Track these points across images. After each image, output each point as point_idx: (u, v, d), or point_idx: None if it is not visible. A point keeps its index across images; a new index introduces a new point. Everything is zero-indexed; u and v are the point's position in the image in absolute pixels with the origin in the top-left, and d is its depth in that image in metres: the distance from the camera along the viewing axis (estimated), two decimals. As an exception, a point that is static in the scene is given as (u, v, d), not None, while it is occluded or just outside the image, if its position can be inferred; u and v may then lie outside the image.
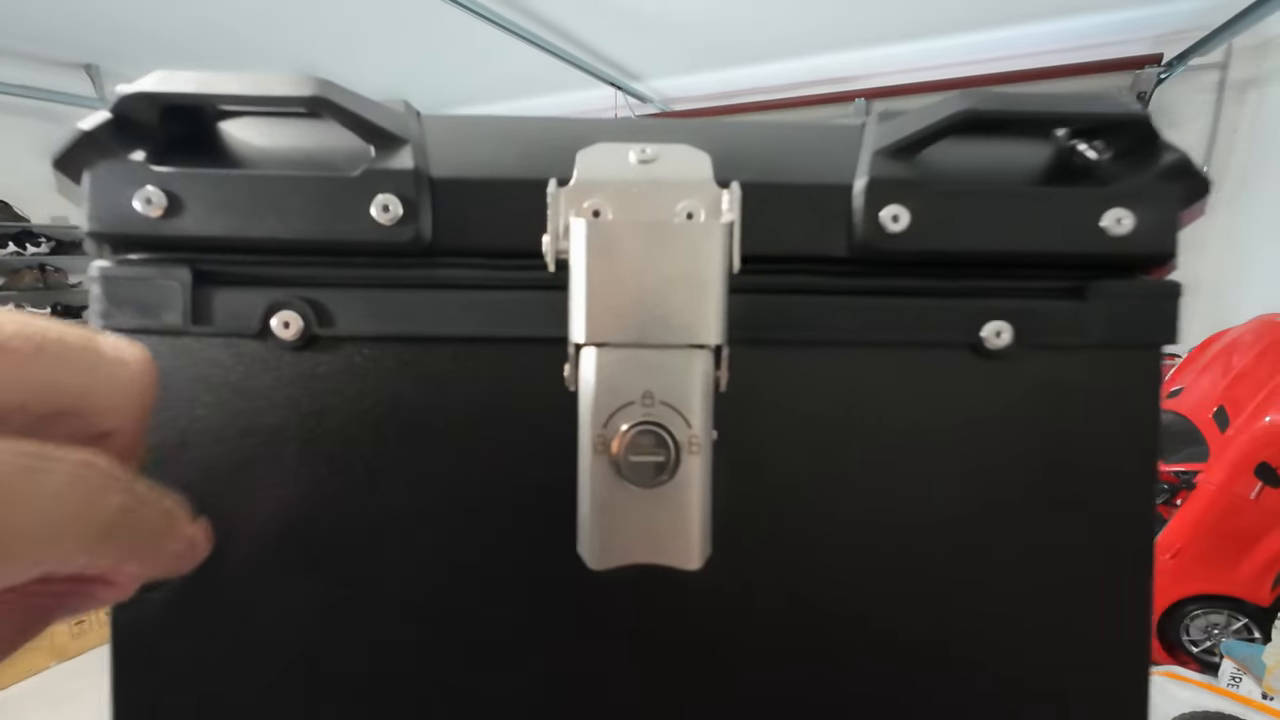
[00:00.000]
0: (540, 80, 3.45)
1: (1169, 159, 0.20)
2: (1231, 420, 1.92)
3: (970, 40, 2.84)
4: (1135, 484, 0.21)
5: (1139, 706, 0.22)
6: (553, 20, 2.64)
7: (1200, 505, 1.89)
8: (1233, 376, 2.03)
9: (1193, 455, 1.99)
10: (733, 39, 2.88)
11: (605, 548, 0.18)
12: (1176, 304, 0.21)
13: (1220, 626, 1.94)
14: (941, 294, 0.20)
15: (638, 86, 3.52)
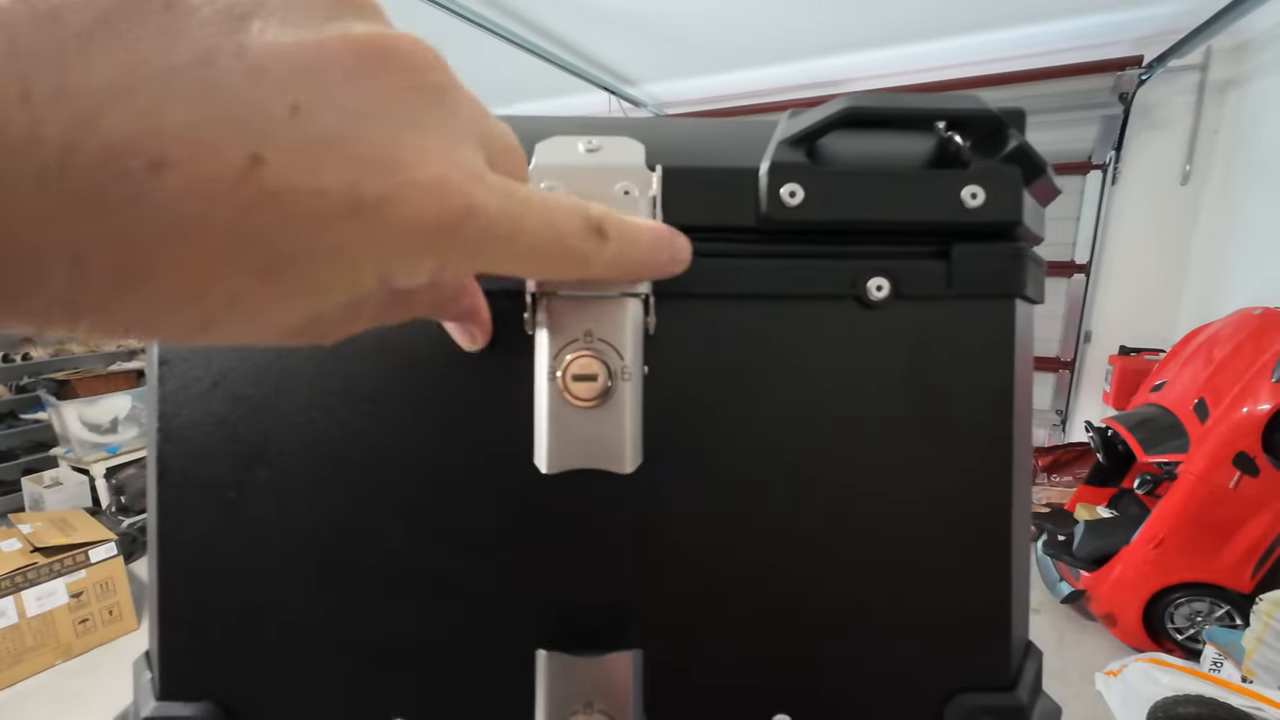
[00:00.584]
0: (534, 85, 3.50)
1: (1012, 146, 0.25)
2: (1211, 411, 1.96)
3: (955, 44, 2.90)
4: (993, 410, 0.25)
5: (1001, 589, 0.26)
6: (546, 26, 2.69)
7: (1182, 495, 1.93)
8: (1213, 369, 2.08)
9: (1175, 447, 2.03)
10: (725, 44, 2.93)
11: (555, 456, 0.23)
12: (1024, 262, 0.25)
13: (1203, 614, 1.97)
14: (831, 256, 0.25)
15: (631, 91, 3.57)
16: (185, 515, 0.25)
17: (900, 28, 2.75)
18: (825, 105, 0.25)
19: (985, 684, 0.26)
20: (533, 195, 0.16)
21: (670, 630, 0.26)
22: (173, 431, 0.25)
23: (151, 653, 0.27)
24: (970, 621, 0.26)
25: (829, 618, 0.26)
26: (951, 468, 0.25)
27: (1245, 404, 1.85)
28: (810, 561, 0.26)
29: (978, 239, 0.25)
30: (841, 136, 0.26)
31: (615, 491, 0.25)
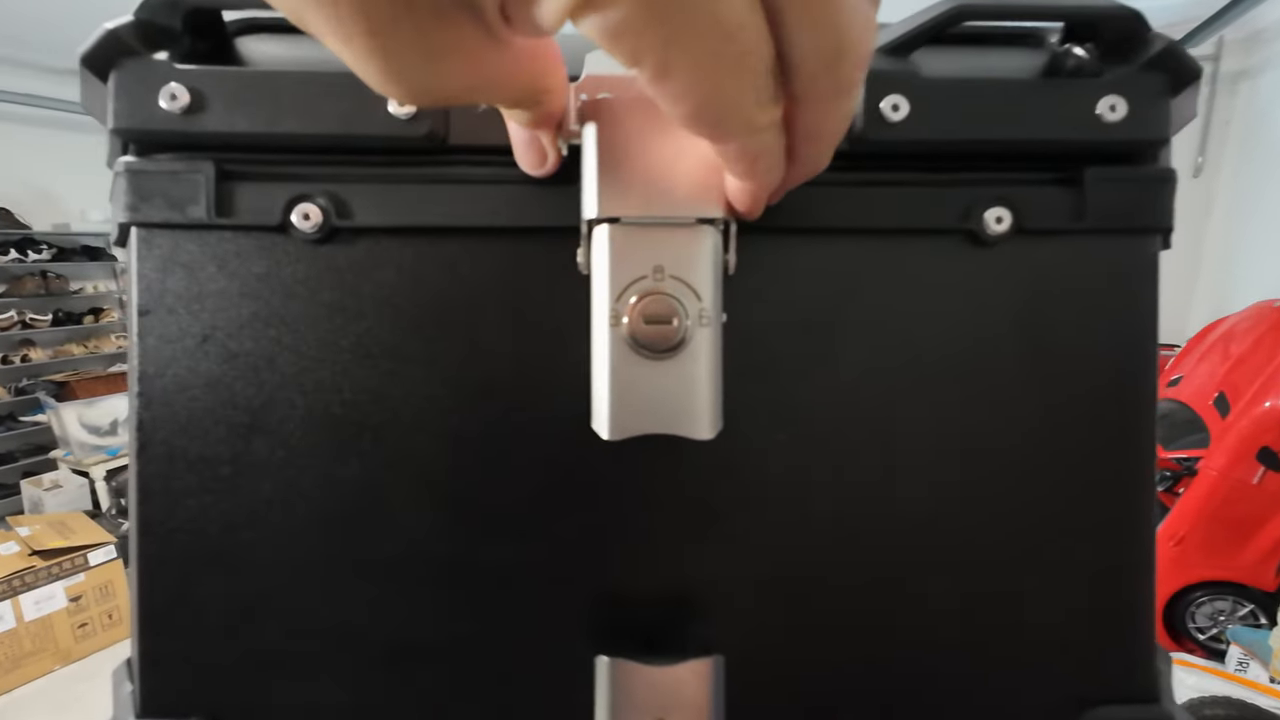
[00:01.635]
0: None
1: (1157, 47, 0.21)
2: (1232, 406, 1.92)
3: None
4: (1132, 369, 0.22)
5: (1141, 581, 0.22)
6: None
7: (1203, 491, 1.89)
8: (1231, 363, 2.04)
9: (1194, 442, 1.99)
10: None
11: (620, 419, 0.19)
12: (1171, 189, 0.21)
13: (1226, 613, 1.93)
14: (940, 184, 0.21)
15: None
16: (171, 496, 0.21)
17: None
18: (924, 10, 0.21)
19: (1125, 695, 0.22)
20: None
21: (753, 632, 0.22)
22: (155, 396, 0.21)
23: (133, 660, 0.23)
24: (1106, 620, 0.22)
25: (940, 616, 0.22)
26: (1081, 439, 0.21)
27: (1268, 398, 1.81)
28: (915, 547, 0.22)
29: (1115, 161, 0.21)
30: (930, 53, 0.22)
31: (684, 463, 0.21)
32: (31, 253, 3.34)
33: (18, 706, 2.03)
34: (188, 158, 0.21)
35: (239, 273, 0.21)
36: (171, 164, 0.21)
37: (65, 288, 3.55)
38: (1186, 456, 2.01)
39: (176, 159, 0.21)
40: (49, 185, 3.52)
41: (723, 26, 0.10)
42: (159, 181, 0.20)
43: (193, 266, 0.21)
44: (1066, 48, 0.23)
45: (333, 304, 0.21)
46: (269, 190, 0.21)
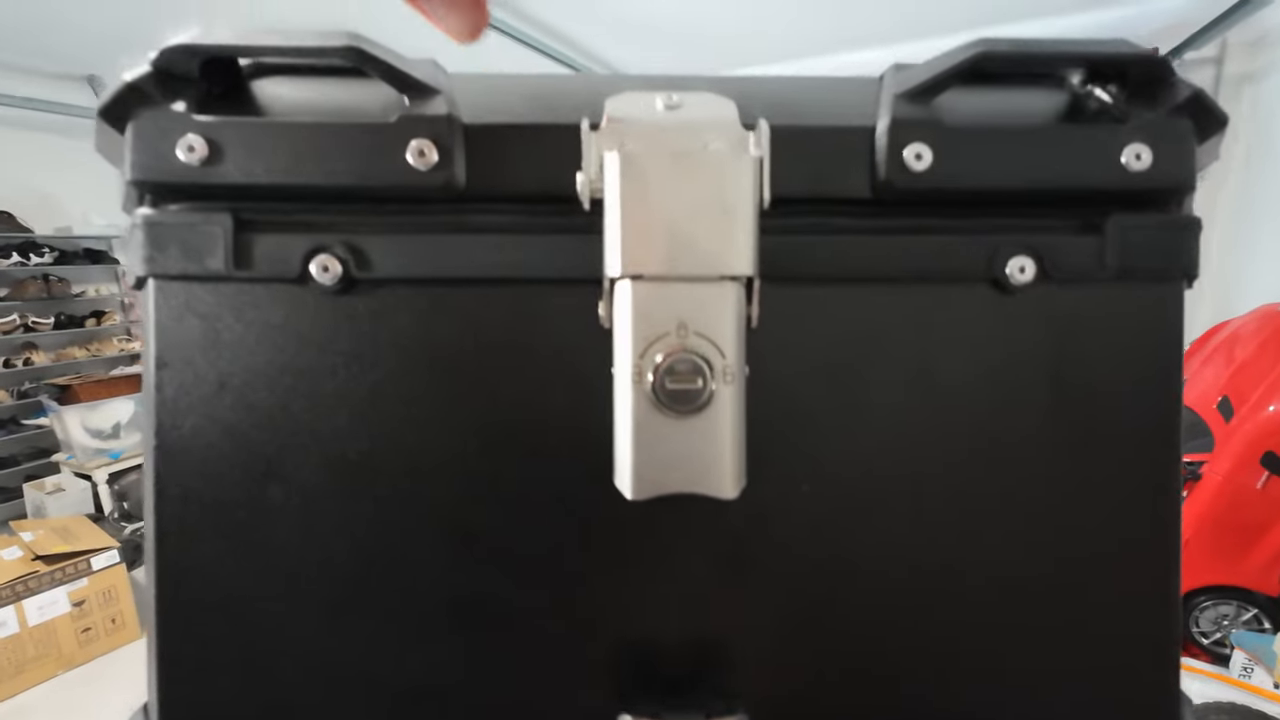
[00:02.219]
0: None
1: (1184, 94, 0.20)
2: (1236, 411, 1.92)
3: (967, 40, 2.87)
4: (1159, 415, 0.21)
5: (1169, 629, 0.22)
6: (552, 26, 2.66)
7: (1207, 496, 1.88)
8: (1235, 367, 2.03)
9: (1198, 446, 1.99)
10: (726, 44, 2.90)
11: (643, 478, 0.18)
12: (1196, 237, 0.21)
13: (1230, 617, 1.93)
14: (964, 231, 0.21)
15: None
16: (188, 541, 0.21)
17: (908, 26, 2.72)
18: (948, 52, 0.21)
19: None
20: None
21: (779, 686, 0.22)
22: (173, 444, 0.21)
23: (151, 707, 0.23)
24: (1135, 669, 0.22)
25: (970, 667, 0.22)
26: (1109, 486, 0.21)
27: (1272, 402, 1.81)
28: (942, 597, 0.21)
29: (1139, 208, 0.21)
30: (956, 93, 0.22)
31: (709, 515, 0.21)
32: (34, 256, 3.34)
33: (21, 712, 2.03)
34: (205, 208, 0.20)
35: (256, 323, 0.21)
36: (189, 215, 0.20)
37: (67, 291, 3.55)
38: (1190, 461, 2.01)
39: (194, 209, 0.21)
40: (51, 189, 3.52)
41: None
42: (176, 233, 0.20)
43: (210, 317, 0.21)
44: (1090, 89, 0.22)
45: (349, 353, 0.21)
46: (287, 241, 0.20)
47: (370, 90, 0.22)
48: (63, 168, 3.54)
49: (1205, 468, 1.93)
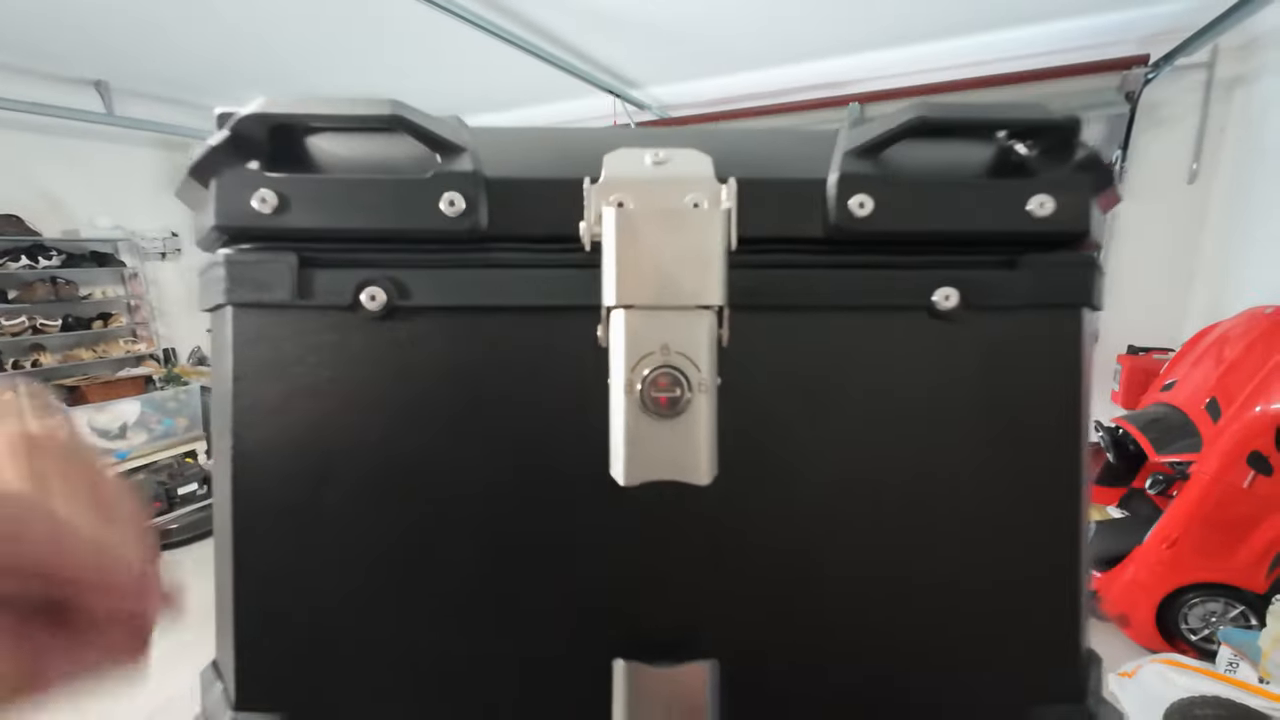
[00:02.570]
0: (540, 89, 3.52)
1: (1082, 154, 0.25)
2: (1223, 411, 1.96)
3: (961, 44, 2.90)
4: (1064, 422, 0.26)
5: (1073, 603, 0.26)
6: (551, 31, 2.70)
7: (1195, 495, 1.92)
8: (1224, 368, 2.07)
9: (1187, 446, 2.03)
10: (729, 46, 2.94)
11: (633, 468, 0.23)
12: (1093, 272, 0.25)
13: (1218, 614, 1.96)
14: (899, 266, 0.25)
15: (635, 94, 3.58)
16: (259, 538, 0.25)
17: (905, 28, 2.75)
18: (891, 115, 0.25)
19: (1059, 697, 0.26)
20: None
21: (745, 643, 0.26)
22: (247, 449, 0.25)
23: (223, 664, 0.27)
24: (1044, 636, 0.26)
25: (905, 632, 0.26)
26: (1023, 481, 0.25)
27: (1259, 403, 1.85)
28: (884, 574, 0.26)
29: (1046, 248, 0.25)
30: (902, 144, 0.27)
31: (688, 503, 0.25)
32: (42, 259, 3.39)
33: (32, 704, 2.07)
34: (274, 249, 0.25)
35: (315, 343, 0.25)
36: (261, 255, 0.25)
37: (75, 293, 3.59)
38: (1179, 460, 2.04)
39: (265, 250, 0.25)
40: (59, 192, 3.56)
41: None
42: (251, 269, 0.25)
43: (276, 339, 0.25)
44: (1011, 144, 0.27)
45: (391, 368, 0.25)
46: (341, 276, 0.25)
47: (406, 143, 0.26)
48: (71, 171, 3.58)
49: (1194, 467, 1.97)
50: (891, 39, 2.87)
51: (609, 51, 2.98)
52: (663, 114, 3.86)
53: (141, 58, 2.98)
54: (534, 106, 3.95)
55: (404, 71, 3.26)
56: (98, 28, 2.61)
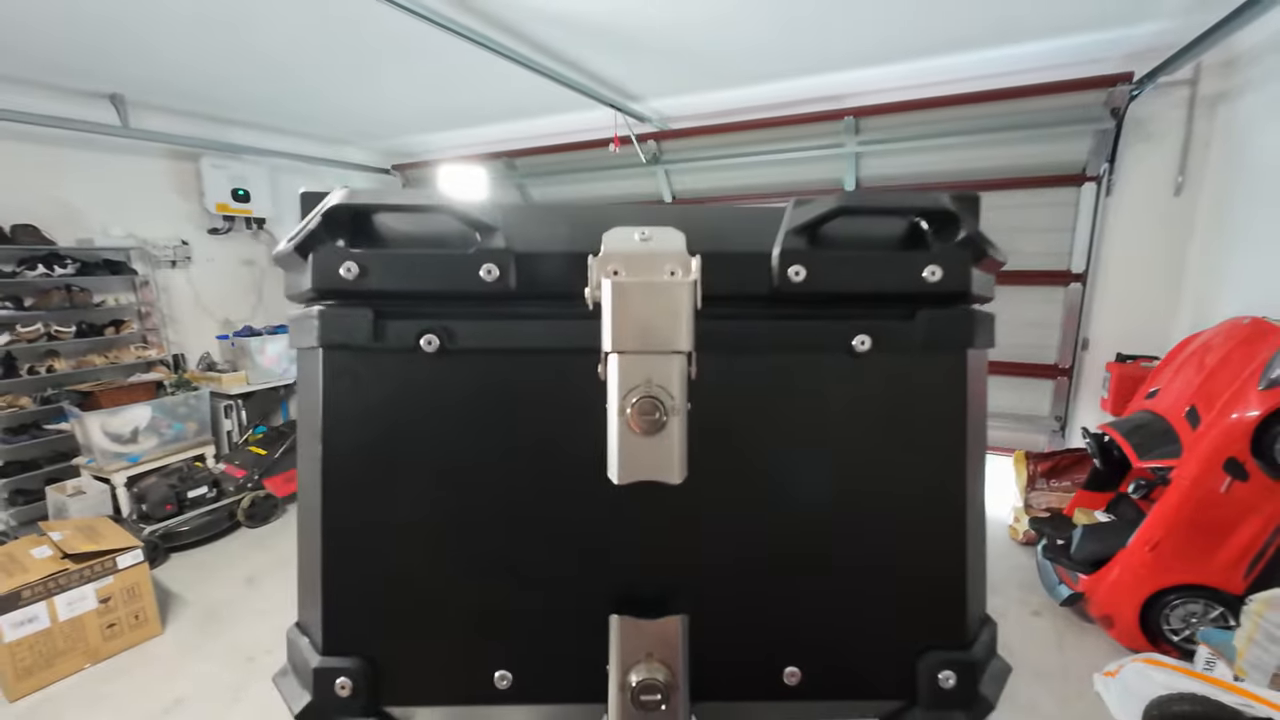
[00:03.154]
0: (543, 102, 3.61)
1: (964, 233, 0.32)
2: (1202, 418, 2.02)
3: (954, 61, 2.99)
4: (950, 435, 0.33)
5: (958, 571, 0.34)
6: (556, 49, 2.79)
7: (1175, 499, 1.99)
8: (1204, 377, 2.14)
9: (1168, 453, 2.09)
10: (728, 61, 3.02)
11: (623, 471, 0.30)
12: (971, 322, 0.33)
13: (1198, 615, 2.03)
14: (826, 318, 0.33)
15: (636, 107, 3.67)
16: (342, 519, 0.33)
17: (899, 45, 2.83)
18: (821, 200, 0.33)
19: (947, 643, 0.33)
20: None
21: (707, 601, 0.34)
22: (334, 455, 0.33)
23: (308, 622, 0.35)
24: (935, 595, 0.34)
25: (828, 593, 0.34)
26: (919, 478, 0.33)
27: (1235, 410, 1.91)
28: (812, 548, 0.34)
29: (936, 304, 0.33)
30: (837, 221, 0.34)
31: (665, 495, 0.33)
32: (57, 267, 3.47)
33: (51, 702, 2.14)
34: (355, 304, 0.33)
35: (385, 376, 0.33)
36: (346, 309, 0.33)
37: (88, 300, 3.67)
38: (1161, 466, 2.11)
39: (348, 305, 0.33)
40: (74, 202, 3.65)
41: None
42: (339, 321, 0.32)
43: (357, 373, 0.33)
44: (917, 222, 0.34)
45: (441, 395, 0.33)
46: (405, 325, 0.33)
47: (451, 221, 0.34)
48: (85, 182, 3.67)
49: (1174, 473, 2.03)
50: (886, 55, 2.94)
51: (610, 67, 3.07)
52: (662, 126, 3.94)
53: (156, 72, 3.07)
54: (537, 118, 4.04)
55: (411, 85, 3.35)
56: (115, 45, 2.70)
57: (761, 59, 3.00)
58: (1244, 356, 2.02)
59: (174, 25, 2.51)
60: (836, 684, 0.33)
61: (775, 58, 2.97)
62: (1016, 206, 3.30)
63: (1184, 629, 2.05)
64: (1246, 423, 1.86)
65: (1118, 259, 3.16)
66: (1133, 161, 3.01)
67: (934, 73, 3.13)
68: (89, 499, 3.30)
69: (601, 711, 0.32)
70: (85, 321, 3.66)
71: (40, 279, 3.42)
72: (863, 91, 3.39)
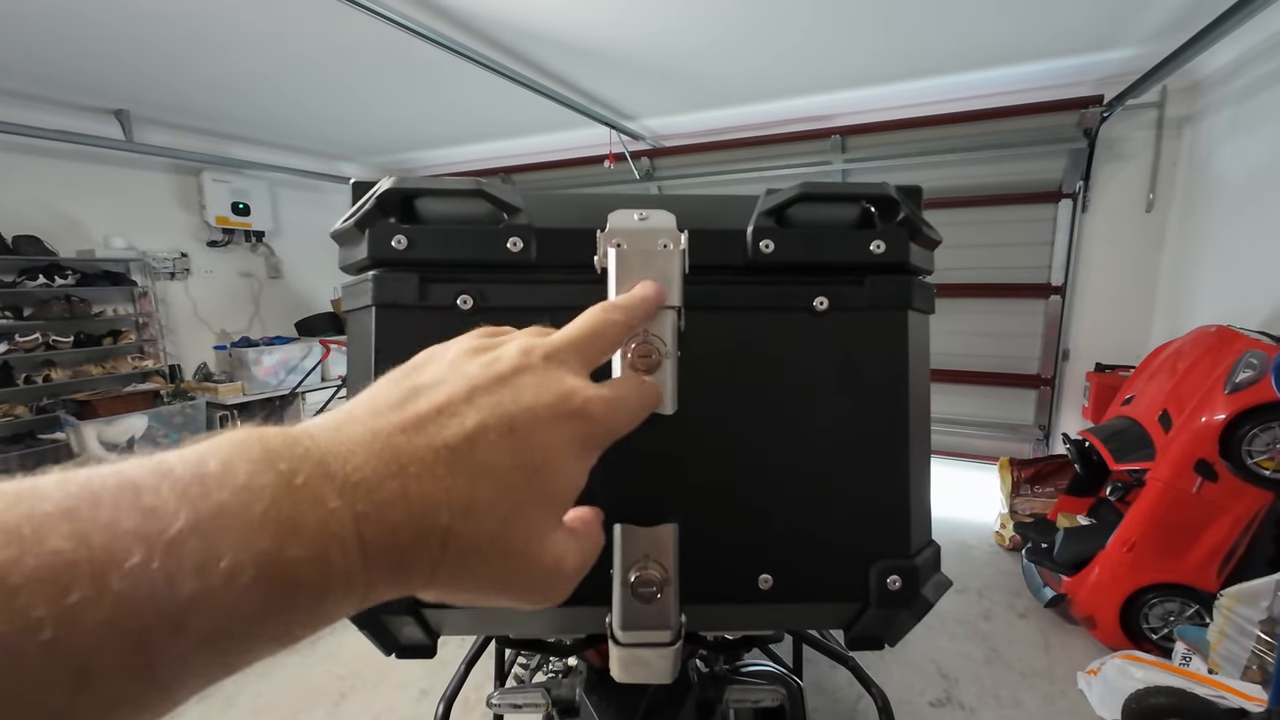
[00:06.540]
0: (542, 121, 3.71)
1: (902, 215, 0.40)
2: (1174, 422, 2.11)
3: (935, 84, 3.12)
4: (891, 381, 0.40)
5: (901, 495, 0.40)
6: (554, 70, 2.89)
7: (1150, 501, 2.06)
8: (1175, 382, 2.23)
9: (1143, 456, 2.17)
10: (719, 82, 3.14)
11: None
12: (911, 287, 0.40)
13: (1175, 613, 2.09)
14: (791, 283, 0.40)
15: (630, 125, 3.78)
16: None
17: (883, 69, 2.96)
18: (787, 189, 0.40)
19: (894, 555, 0.40)
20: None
21: (694, 514, 0.40)
22: None
23: None
24: (883, 513, 0.40)
25: (794, 512, 0.40)
26: (868, 415, 0.40)
27: (1203, 414, 2.00)
28: (779, 473, 0.40)
29: (881, 272, 0.40)
30: (801, 205, 0.42)
31: (660, 426, 0.39)
32: (58, 278, 3.50)
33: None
34: (404, 270, 0.39)
35: (427, 329, 0.39)
36: (396, 274, 0.39)
37: (88, 311, 3.70)
38: (1136, 469, 2.19)
39: (398, 271, 0.39)
40: (76, 214, 3.69)
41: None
42: (391, 284, 0.39)
43: (404, 327, 0.40)
44: (866, 206, 0.42)
45: None
46: (445, 288, 0.39)
47: (481, 202, 0.41)
48: (89, 195, 3.73)
49: (1148, 475, 2.11)
50: (872, 77, 3.07)
51: (606, 88, 3.18)
52: (656, 144, 4.06)
53: (161, 90, 3.14)
54: (534, 135, 4.14)
55: (410, 104, 3.44)
56: (122, 64, 2.78)
57: (753, 82, 3.12)
58: (1211, 362, 2.12)
59: (179, 46, 2.60)
60: (803, 588, 0.40)
61: (764, 79, 3.09)
62: (997, 222, 3.43)
63: (1162, 627, 2.11)
64: (1214, 425, 1.95)
65: (1095, 272, 3.28)
66: (1106, 179, 3.15)
67: (917, 94, 3.27)
68: (82, 508, 3.30)
69: (605, 612, 0.38)
70: (83, 332, 3.68)
71: (40, 289, 3.45)
72: (849, 111, 3.53)
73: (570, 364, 0.26)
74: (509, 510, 0.21)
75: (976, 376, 3.59)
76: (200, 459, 0.17)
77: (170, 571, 0.15)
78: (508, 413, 0.22)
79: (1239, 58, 2.53)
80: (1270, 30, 2.28)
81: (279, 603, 0.16)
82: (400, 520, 0.19)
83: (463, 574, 0.20)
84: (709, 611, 0.40)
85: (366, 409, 0.21)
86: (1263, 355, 1.90)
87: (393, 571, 0.19)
